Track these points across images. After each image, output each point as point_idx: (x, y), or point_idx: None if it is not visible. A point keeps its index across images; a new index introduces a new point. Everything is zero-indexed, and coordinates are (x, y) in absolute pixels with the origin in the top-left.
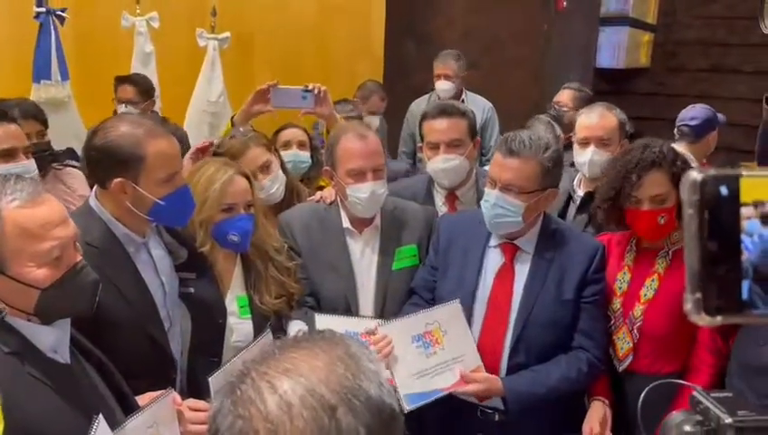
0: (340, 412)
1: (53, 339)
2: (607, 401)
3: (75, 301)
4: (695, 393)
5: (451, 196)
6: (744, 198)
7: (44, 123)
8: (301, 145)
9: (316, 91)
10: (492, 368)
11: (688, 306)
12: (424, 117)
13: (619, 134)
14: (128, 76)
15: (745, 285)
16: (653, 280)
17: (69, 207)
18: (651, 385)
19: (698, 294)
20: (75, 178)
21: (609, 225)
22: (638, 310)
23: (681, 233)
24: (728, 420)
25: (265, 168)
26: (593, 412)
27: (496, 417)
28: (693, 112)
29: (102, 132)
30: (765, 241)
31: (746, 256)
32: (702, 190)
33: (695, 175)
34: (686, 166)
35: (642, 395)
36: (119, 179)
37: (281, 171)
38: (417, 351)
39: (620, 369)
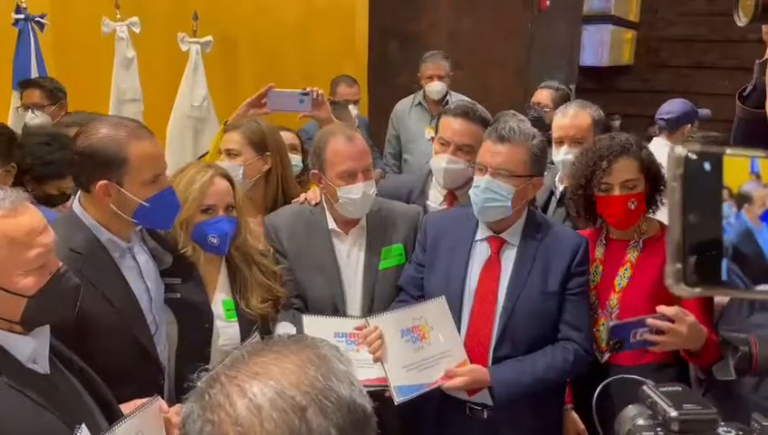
0: (311, 413)
1: (32, 349)
2: (570, 405)
3: (60, 306)
4: (644, 388)
5: (450, 195)
6: (726, 176)
7: None
8: (292, 149)
9: (314, 95)
10: (480, 360)
11: (668, 278)
12: (445, 112)
13: (592, 132)
14: (32, 79)
15: (724, 264)
16: (626, 269)
17: None
18: (603, 383)
19: (678, 265)
20: None
21: (578, 216)
22: (613, 299)
23: (649, 223)
24: (674, 414)
25: (229, 154)
26: (570, 425)
27: (485, 414)
28: (669, 107)
29: (84, 135)
30: (742, 221)
31: (725, 237)
32: (686, 165)
33: (680, 149)
34: (651, 157)
35: (596, 393)
36: (102, 182)
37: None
38: (406, 344)
39: (603, 360)
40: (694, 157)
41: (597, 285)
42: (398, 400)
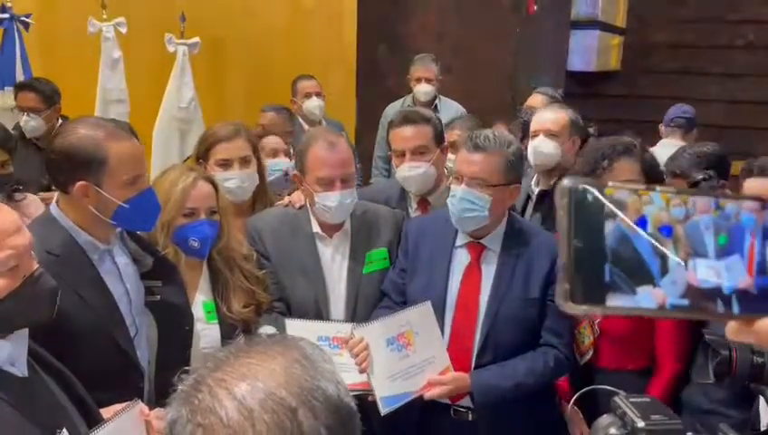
0: (301, 414)
1: (9, 352)
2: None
3: (35, 310)
4: (615, 398)
5: (423, 202)
6: (606, 202)
7: (10, 152)
8: (282, 153)
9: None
10: (462, 368)
11: (558, 298)
12: (390, 125)
13: (568, 131)
14: (28, 82)
15: (606, 267)
16: None
17: None
18: (577, 394)
19: (567, 285)
20: (32, 203)
21: None
22: None
23: None
24: (641, 425)
25: (245, 161)
26: (576, 422)
27: (469, 416)
28: (680, 110)
29: (62, 136)
30: (619, 227)
31: (606, 245)
32: (569, 195)
33: (564, 182)
34: (654, 161)
35: (570, 404)
36: (81, 183)
37: (257, 174)
38: (392, 353)
39: (582, 362)
40: (578, 189)
41: None
42: (384, 410)
